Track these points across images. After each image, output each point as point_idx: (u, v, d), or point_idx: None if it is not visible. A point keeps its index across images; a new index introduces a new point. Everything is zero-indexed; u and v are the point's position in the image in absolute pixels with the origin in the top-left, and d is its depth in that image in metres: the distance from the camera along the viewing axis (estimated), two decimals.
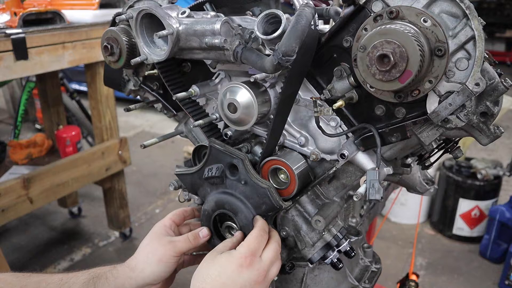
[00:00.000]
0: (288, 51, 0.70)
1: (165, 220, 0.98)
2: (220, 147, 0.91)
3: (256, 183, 0.87)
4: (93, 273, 0.90)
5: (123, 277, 0.89)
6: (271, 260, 0.83)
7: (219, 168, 0.91)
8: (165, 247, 0.90)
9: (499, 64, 0.85)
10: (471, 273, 2.86)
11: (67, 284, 0.87)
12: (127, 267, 0.91)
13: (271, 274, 0.84)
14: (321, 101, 0.82)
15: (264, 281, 0.81)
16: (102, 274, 0.90)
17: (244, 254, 0.80)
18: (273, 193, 0.86)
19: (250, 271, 0.79)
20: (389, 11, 0.66)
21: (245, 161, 0.87)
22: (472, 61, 0.65)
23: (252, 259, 0.80)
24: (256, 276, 0.79)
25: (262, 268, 0.80)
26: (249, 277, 0.78)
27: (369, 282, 1.12)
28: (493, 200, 3.08)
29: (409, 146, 0.82)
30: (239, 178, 0.89)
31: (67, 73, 5.80)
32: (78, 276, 0.89)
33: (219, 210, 0.92)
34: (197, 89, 0.94)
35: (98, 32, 2.38)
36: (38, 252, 3.06)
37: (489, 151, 4.59)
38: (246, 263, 0.79)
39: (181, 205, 1.06)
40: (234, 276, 0.78)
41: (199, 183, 0.96)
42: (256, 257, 0.81)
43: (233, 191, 0.90)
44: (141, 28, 0.87)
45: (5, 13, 2.20)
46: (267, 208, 0.87)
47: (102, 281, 0.89)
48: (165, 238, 0.93)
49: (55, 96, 3.11)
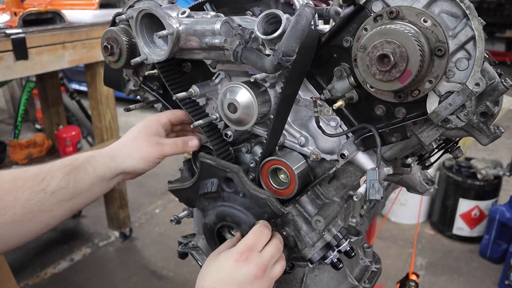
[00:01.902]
0: (288, 51, 0.70)
1: (161, 116, 0.96)
2: (211, 161, 0.89)
3: (255, 195, 0.86)
4: (70, 166, 0.88)
5: (103, 166, 0.90)
6: (271, 255, 0.82)
7: (214, 183, 0.90)
8: (152, 148, 0.90)
9: (499, 64, 0.85)
10: (471, 273, 2.86)
11: (45, 180, 0.85)
12: (107, 156, 0.91)
13: (275, 272, 0.82)
14: (321, 101, 0.82)
15: (264, 277, 0.79)
16: (80, 166, 0.89)
17: (241, 250, 0.80)
18: (273, 202, 0.85)
19: (247, 266, 0.78)
20: (389, 11, 0.66)
21: (239, 173, 0.86)
22: (472, 61, 0.65)
23: (249, 254, 0.79)
24: (254, 271, 0.78)
25: (261, 262, 0.79)
26: (247, 272, 0.78)
27: (369, 282, 1.12)
28: (493, 200, 3.08)
29: (409, 146, 0.82)
30: (236, 191, 0.88)
31: (67, 73, 5.80)
32: (53, 170, 0.87)
33: (221, 223, 0.91)
34: (197, 89, 0.94)
35: (98, 32, 2.38)
36: (38, 252, 3.06)
37: (489, 151, 4.59)
38: (243, 258, 0.79)
39: (181, 205, 1.06)
40: (232, 271, 0.78)
41: (195, 197, 0.95)
42: (254, 252, 0.80)
43: (232, 204, 0.89)
44: (141, 28, 0.87)
45: (5, 13, 2.21)
46: (269, 216, 0.87)
47: (82, 174, 0.88)
48: (154, 137, 0.92)
49: (55, 96, 3.11)
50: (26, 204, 0.83)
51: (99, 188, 0.91)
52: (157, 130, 0.94)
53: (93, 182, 0.89)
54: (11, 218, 0.82)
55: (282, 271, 0.84)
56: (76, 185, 0.87)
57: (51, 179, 0.86)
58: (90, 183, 0.89)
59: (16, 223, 0.83)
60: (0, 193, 0.82)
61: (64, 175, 0.87)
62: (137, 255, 3.03)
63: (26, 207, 0.83)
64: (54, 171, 0.87)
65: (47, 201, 0.85)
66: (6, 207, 0.82)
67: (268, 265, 0.81)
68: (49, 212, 0.86)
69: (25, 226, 0.85)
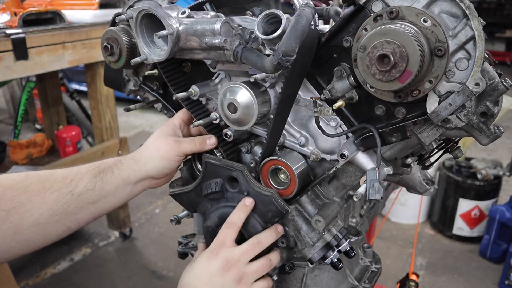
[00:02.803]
0: (288, 51, 0.70)
1: (175, 118, 1.00)
2: (216, 162, 0.91)
3: (260, 192, 0.86)
4: (97, 168, 0.90)
5: (128, 170, 0.92)
6: (242, 252, 0.83)
7: (218, 183, 0.91)
8: (170, 146, 0.93)
9: (499, 64, 0.85)
10: (471, 273, 2.86)
11: (73, 182, 0.87)
12: (132, 159, 0.93)
13: (250, 269, 0.83)
14: (321, 101, 0.82)
15: (233, 270, 0.81)
16: (107, 168, 0.91)
17: (212, 247, 0.85)
18: (278, 200, 0.86)
19: (216, 260, 0.82)
20: (389, 11, 0.66)
21: (244, 172, 0.87)
22: (472, 61, 0.65)
23: (218, 249, 0.83)
24: (222, 264, 0.81)
25: (230, 256, 0.82)
26: (216, 265, 0.81)
27: (369, 282, 1.12)
28: (493, 200, 3.08)
29: (409, 146, 0.82)
30: (240, 190, 0.89)
31: (67, 73, 5.80)
32: (82, 172, 0.89)
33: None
34: (197, 89, 0.94)
35: (98, 32, 2.38)
36: (38, 252, 3.06)
37: (489, 151, 4.59)
38: (213, 254, 0.83)
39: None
40: (204, 266, 0.82)
41: (197, 200, 0.96)
42: (224, 247, 0.84)
43: (236, 204, 0.89)
44: (141, 28, 0.87)
45: (5, 13, 2.21)
46: (273, 214, 0.87)
47: (109, 175, 0.90)
48: (171, 137, 0.95)
49: (55, 96, 3.11)
50: (53, 206, 0.84)
51: (123, 193, 0.93)
52: (174, 131, 0.97)
53: (118, 184, 0.91)
54: (37, 219, 0.83)
55: (260, 272, 0.85)
56: (102, 187, 0.89)
57: (79, 181, 0.87)
58: (115, 185, 0.91)
59: (42, 225, 0.84)
60: (29, 194, 0.83)
61: (91, 177, 0.89)
62: (137, 255, 3.03)
63: (52, 208, 0.84)
64: (82, 173, 0.89)
65: (73, 204, 0.86)
66: (33, 208, 0.83)
67: (239, 261, 0.83)
68: (74, 215, 0.88)
69: (49, 228, 0.86)
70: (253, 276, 0.84)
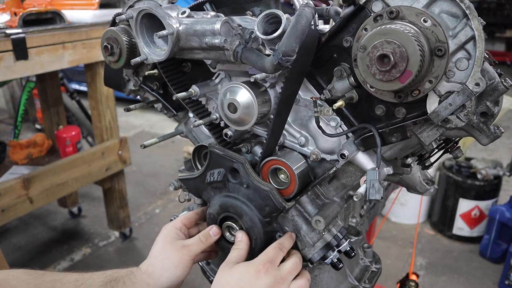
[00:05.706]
0: (288, 51, 0.70)
1: (176, 222, 0.99)
2: (219, 151, 0.91)
3: (258, 186, 0.87)
4: (109, 276, 0.89)
5: (141, 284, 0.90)
6: (289, 270, 0.84)
7: (220, 173, 0.92)
8: (181, 252, 0.91)
9: (499, 64, 0.85)
10: (471, 273, 2.86)
11: (83, 286, 0.86)
12: (145, 274, 0.91)
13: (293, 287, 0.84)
14: (321, 101, 0.82)
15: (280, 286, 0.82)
16: (119, 278, 0.89)
17: (262, 261, 0.83)
18: (275, 195, 0.86)
19: (267, 277, 0.81)
20: (389, 11, 0.66)
21: (245, 164, 0.88)
22: (472, 61, 0.65)
23: (270, 266, 0.82)
24: (273, 282, 0.81)
25: (279, 275, 0.82)
26: (266, 283, 0.80)
27: (369, 282, 1.12)
28: (493, 200, 3.08)
29: (409, 146, 0.82)
30: (240, 182, 0.90)
31: (67, 73, 5.80)
32: (94, 278, 0.88)
33: (224, 213, 0.93)
34: (197, 89, 0.94)
35: (98, 32, 2.38)
36: (38, 252, 3.06)
37: (489, 151, 4.60)
38: (264, 269, 0.82)
39: (181, 205, 1.07)
40: (253, 281, 0.81)
41: (202, 187, 0.97)
42: (274, 265, 0.83)
43: (236, 195, 0.91)
44: (141, 28, 0.87)
45: (5, 13, 2.20)
46: (270, 210, 0.88)
47: (120, 285, 0.89)
48: (178, 242, 0.94)
49: (55, 96, 3.11)
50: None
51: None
52: (177, 234, 0.96)
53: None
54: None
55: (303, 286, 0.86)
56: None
57: (89, 286, 0.86)
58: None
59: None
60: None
61: (102, 284, 0.87)
62: (137, 255, 3.03)
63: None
64: (94, 278, 0.88)
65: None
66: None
67: (286, 280, 0.83)
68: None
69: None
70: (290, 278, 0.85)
